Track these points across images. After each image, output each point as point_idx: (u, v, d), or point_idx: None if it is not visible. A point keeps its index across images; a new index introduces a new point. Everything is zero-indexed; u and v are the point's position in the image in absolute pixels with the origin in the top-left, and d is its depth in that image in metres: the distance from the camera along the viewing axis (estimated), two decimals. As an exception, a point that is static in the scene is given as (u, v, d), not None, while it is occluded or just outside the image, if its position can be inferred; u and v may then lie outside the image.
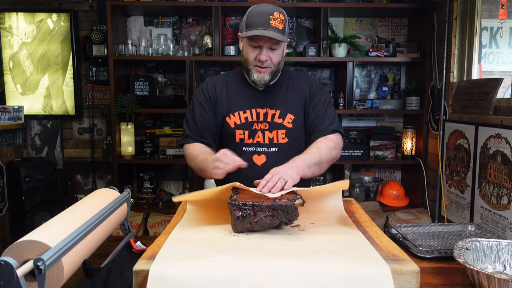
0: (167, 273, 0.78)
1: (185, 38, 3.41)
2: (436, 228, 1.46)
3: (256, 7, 1.48)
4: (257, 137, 1.55)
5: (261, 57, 1.46)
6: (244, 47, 1.53)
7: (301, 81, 1.64)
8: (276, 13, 1.43)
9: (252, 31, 1.41)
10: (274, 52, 1.48)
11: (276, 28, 1.42)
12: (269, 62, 1.48)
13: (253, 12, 1.46)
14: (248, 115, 1.56)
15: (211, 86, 1.60)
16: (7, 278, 0.72)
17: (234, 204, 0.99)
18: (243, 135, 1.55)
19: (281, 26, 1.44)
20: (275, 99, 1.58)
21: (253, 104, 1.57)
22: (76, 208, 1.05)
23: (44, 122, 3.50)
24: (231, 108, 1.56)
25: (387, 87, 3.38)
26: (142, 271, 0.80)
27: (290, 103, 1.58)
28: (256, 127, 1.55)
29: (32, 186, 3.04)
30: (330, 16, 3.14)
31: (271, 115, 1.56)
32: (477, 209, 2.44)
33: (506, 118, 2.17)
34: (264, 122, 1.56)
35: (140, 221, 3.05)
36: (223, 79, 1.64)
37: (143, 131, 3.46)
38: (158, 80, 3.40)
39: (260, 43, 1.45)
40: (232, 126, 1.56)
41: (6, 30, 3.36)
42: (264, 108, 1.56)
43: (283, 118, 1.56)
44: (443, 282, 1.07)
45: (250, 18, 1.45)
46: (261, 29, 1.40)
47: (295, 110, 1.57)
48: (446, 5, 2.78)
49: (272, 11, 1.44)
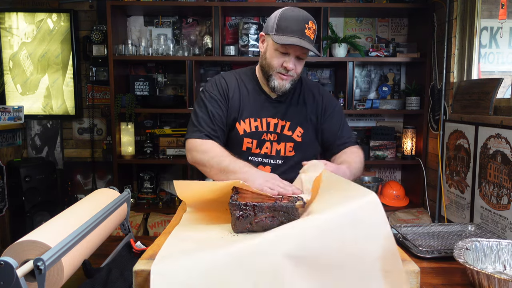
0: (168, 269, 0.78)
1: (185, 38, 3.41)
2: (436, 228, 1.46)
3: (290, 10, 1.39)
4: (265, 147, 1.49)
5: (289, 65, 1.38)
6: (269, 50, 1.43)
7: (313, 91, 1.56)
8: (311, 22, 1.37)
9: (288, 38, 1.33)
10: (300, 62, 1.42)
11: (309, 38, 1.35)
12: (293, 71, 1.41)
13: (288, 16, 1.37)
14: (259, 124, 1.48)
15: (225, 83, 1.51)
16: (7, 278, 0.72)
17: (234, 204, 0.99)
18: (251, 144, 1.49)
19: (313, 36, 1.38)
20: (287, 109, 1.51)
21: (265, 112, 1.49)
22: (76, 208, 1.05)
23: (44, 122, 3.50)
24: (242, 113, 1.48)
25: (387, 87, 3.38)
26: (142, 271, 0.80)
27: (302, 115, 1.52)
28: (265, 137, 1.49)
29: (32, 186, 3.04)
30: (330, 16, 3.14)
31: (280, 126, 1.49)
32: (477, 209, 2.44)
33: (506, 118, 2.17)
34: (273, 133, 1.49)
35: (140, 221, 3.05)
36: (236, 79, 1.54)
37: (143, 131, 3.46)
38: (158, 80, 3.40)
39: (289, 51, 1.37)
40: (241, 133, 1.48)
41: (6, 30, 3.36)
42: (275, 118, 1.49)
43: (293, 131, 1.50)
44: (443, 282, 1.07)
45: (284, 21, 1.36)
46: (297, 37, 1.33)
47: (306, 123, 1.51)
48: (446, 5, 2.78)
49: (307, 19, 1.37)
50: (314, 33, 1.39)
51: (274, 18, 1.39)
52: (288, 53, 1.38)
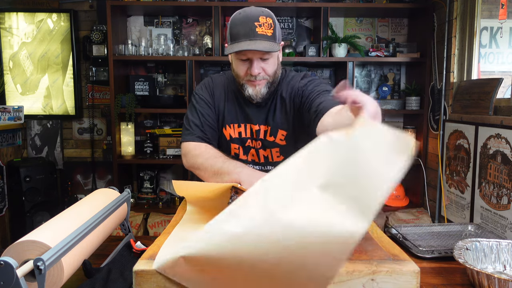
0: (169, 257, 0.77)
1: (185, 38, 3.41)
2: (436, 228, 1.45)
3: (238, 14, 1.27)
4: (251, 155, 1.45)
5: (252, 71, 1.28)
6: (232, 61, 1.35)
7: (291, 83, 1.42)
8: (262, 18, 1.24)
9: (237, 45, 1.23)
10: (267, 62, 1.30)
11: (264, 36, 1.23)
12: (262, 74, 1.31)
13: (235, 21, 1.26)
14: (242, 130, 1.43)
15: (212, 85, 1.47)
16: (7, 278, 0.72)
17: (234, 204, 0.99)
18: (238, 150, 1.45)
19: (269, 32, 1.24)
20: (267, 114, 1.41)
21: (245, 118, 1.43)
22: (76, 208, 1.05)
23: (44, 122, 3.50)
24: (226, 118, 1.44)
25: (387, 87, 3.38)
26: (142, 271, 0.80)
27: (281, 116, 1.41)
28: (250, 144, 1.44)
29: (32, 186, 3.04)
30: (330, 16, 3.14)
31: (263, 132, 1.42)
32: (477, 209, 2.44)
33: (506, 118, 2.17)
34: (258, 139, 1.43)
35: (140, 221, 3.05)
36: (224, 82, 1.48)
37: (143, 131, 3.47)
38: (158, 80, 3.40)
39: (248, 56, 1.27)
40: (228, 138, 1.45)
41: (6, 30, 3.36)
42: (256, 124, 1.42)
43: (275, 136, 1.41)
44: (443, 282, 1.07)
45: (233, 28, 1.26)
46: (246, 40, 1.22)
47: (287, 123, 1.40)
48: (446, 5, 2.78)
49: (256, 16, 1.24)
50: (271, 26, 1.25)
51: (228, 27, 1.30)
52: (248, 58, 1.28)
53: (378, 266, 0.83)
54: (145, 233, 3.07)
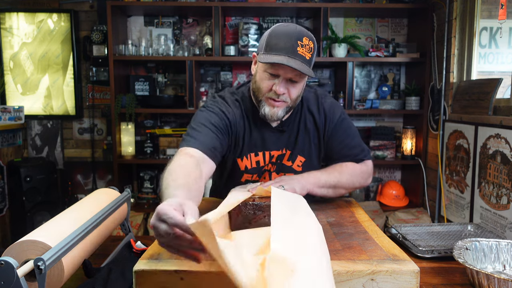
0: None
1: (185, 38, 3.41)
2: (436, 228, 1.46)
3: (282, 26, 1.20)
4: (263, 178, 1.40)
5: (278, 89, 1.20)
6: (258, 72, 1.25)
7: (313, 110, 1.37)
8: (305, 39, 1.17)
9: (274, 57, 1.15)
10: (295, 86, 1.22)
11: (302, 58, 1.16)
12: (286, 96, 1.22)
13: (278, 32, 1.19)
14: (260, 159, 1.36)
15: (227, 115, 1.30)
16: (7, 278, 0.72)
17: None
18: (251, 177, 1.39)
19: (308, 55, 1.18)
20: (289, 139, 1.36)
21: (266, 145, 1.35)
22: (76, 208, 1.05)
23: (44, 122, 3.50)
24: (244, 149, 1.35)
25: (387, 87, 3.38)
26: (142, 271, 0.80)
27: (302, 142, 1.36)
28: (266, 168, 1.39)
29: (32, 186, 3.05)
30: (330, 16, 3.15)
31: (281, 156, 1.37)
32: (476, 209, 2.44)
33: (506, 118, 2.18)
34: (274, 164, 1.38)
35: (140, 221, 3.05)
36: (241, 110, 1.34)
37: (143, 131, 3.47)
38: (158, 80, 3.40)
39: (279, 72, 1.19)
40: (242, 169, 1.36)
41: (7, 30, 3.36)
42: (275, 150, 1.37)
43: (293, 161, 1.37)
44: (443, 282, 1.07)
45: (273, 38, 1.18)
46: (285, 56, 1.15)
47: (307, 150, 1.37)
48: (445, 5, 2.78)
49: (301, 35, 1.17)
50: (311, 51, 1.19)
51: (265, 36, 1.22)
52: (279, 75, 1.19)
53: (378, 266, 0.83)
54: (145, 233, 3.07)
